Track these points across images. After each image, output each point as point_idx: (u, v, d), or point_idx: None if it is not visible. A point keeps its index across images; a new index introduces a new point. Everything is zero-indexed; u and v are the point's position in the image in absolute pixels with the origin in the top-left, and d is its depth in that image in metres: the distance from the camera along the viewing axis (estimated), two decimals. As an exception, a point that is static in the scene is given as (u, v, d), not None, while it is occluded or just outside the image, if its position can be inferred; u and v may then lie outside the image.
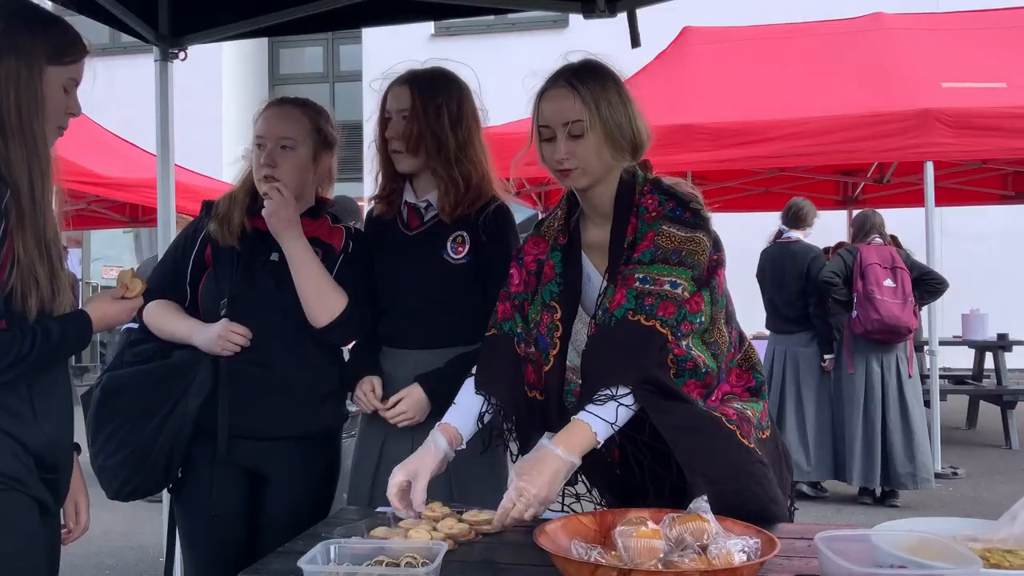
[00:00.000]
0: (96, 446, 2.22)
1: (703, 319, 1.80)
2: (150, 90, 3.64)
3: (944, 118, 5.89)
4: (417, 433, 2.19)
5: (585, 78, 1.88)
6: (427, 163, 2.32)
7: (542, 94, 1.90)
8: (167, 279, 2.36)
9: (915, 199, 7.46)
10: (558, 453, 1.66)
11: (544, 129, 1.88)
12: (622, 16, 3.41)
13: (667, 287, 1.76)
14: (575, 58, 1.94)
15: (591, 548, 1.40)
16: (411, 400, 2.25)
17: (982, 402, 8.30)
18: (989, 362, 8.24)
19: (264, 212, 2.24)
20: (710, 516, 1.43)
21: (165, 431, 2.18)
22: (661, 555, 1.37)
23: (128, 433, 2.20)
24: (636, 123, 1.90)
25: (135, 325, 2.35)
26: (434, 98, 2.31)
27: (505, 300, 2.00)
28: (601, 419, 1.70)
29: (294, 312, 2.24)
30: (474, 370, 1.98)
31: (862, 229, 5.93)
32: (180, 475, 2.29)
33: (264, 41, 14.52)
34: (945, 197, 7.57)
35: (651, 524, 1.43)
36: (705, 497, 1.49)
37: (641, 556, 1.36)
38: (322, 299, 2.23)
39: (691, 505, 1.47)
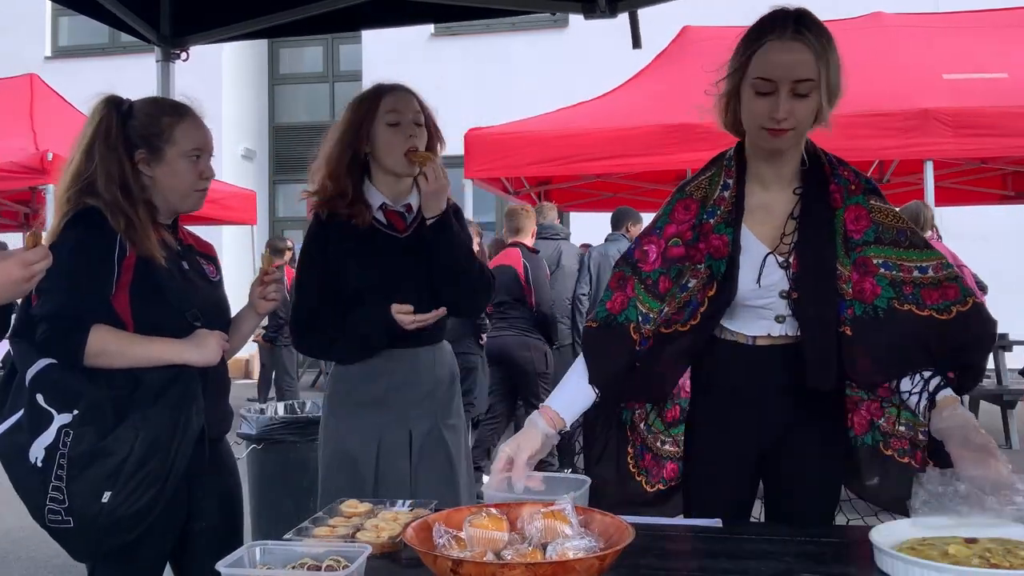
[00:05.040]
0: None
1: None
2: (151, 90, 3.64)
3: (944, 117, 5.88)
4: (415, 422, 2.38)
5: (816, 31, 1.72)
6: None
7: (762, 42, 1.73)
8: None
9: (915, 198, 7.45)
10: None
11: (763, 82, 1.72)
12: (622, 16, 3.42)
13: (916, 273, 1.77)
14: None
15: (450, 533, 1.40)
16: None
17: (982, 402, 8.31)
18: (989, 362, 8.23)
19: None
20: (572, 518, 1.42)
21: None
22: (501, 547, 1.38)
23: None
24: (840, 87, 1.79)
25: None
26: (425, 105, 2.45)
27: (630, 283, 1.88)
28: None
29: None
30: (583, 361, 1.91)
31: (916, 224, 5.86)
32: None
33: (264, 41, 14.53)
34: (945, 197, 7.58)
35: (494, 513, 1.42)
36: (571, 496, 1.49)
37: (479, 546, 1.37)
38: None
39: (556, 504, 1.46)
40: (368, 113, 2.38)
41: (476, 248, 6.54)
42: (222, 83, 13.77)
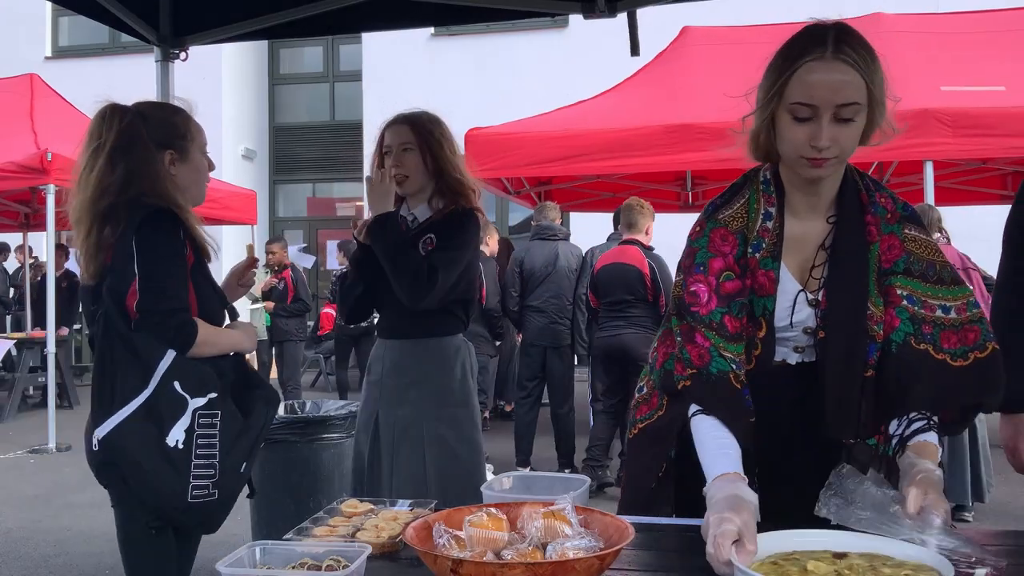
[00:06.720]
0: None
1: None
2: (150, 90, 3.65)
3: (944, 118, 5.89)
4: (400, 404, 2.72)
5: (858, 47, 1.55)
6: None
7: (800, 63, 1.55)
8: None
9: (915, 199, 7.44)
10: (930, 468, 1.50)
11: (803, 108, 1.55)
12: (622, 16, 3.42)
13: (939, 312, 1.63)
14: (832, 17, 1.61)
15: (450, 533, 1.39)
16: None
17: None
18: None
19: None
20: (572, 518, 1.41)
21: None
22: (501, 546, 1.37)
23: None
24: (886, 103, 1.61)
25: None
26: (431, 131, 2.77)
27: (697, 332, 1.65)
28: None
29: None
30: (703, 411, 1.63)
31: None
32: None
33: (264, 41, 14.54)
34: (945, 197, 7.58)
35: (494, 512, 1.42)
36: (571, 496, 1.46)
37: (480, 546, 1.37)
38: None
39: (556, 503, 1.44)
40: (380, 148, 2.80)
41: (486, 247, 6.57)
42: (222, 83, 13.78)
